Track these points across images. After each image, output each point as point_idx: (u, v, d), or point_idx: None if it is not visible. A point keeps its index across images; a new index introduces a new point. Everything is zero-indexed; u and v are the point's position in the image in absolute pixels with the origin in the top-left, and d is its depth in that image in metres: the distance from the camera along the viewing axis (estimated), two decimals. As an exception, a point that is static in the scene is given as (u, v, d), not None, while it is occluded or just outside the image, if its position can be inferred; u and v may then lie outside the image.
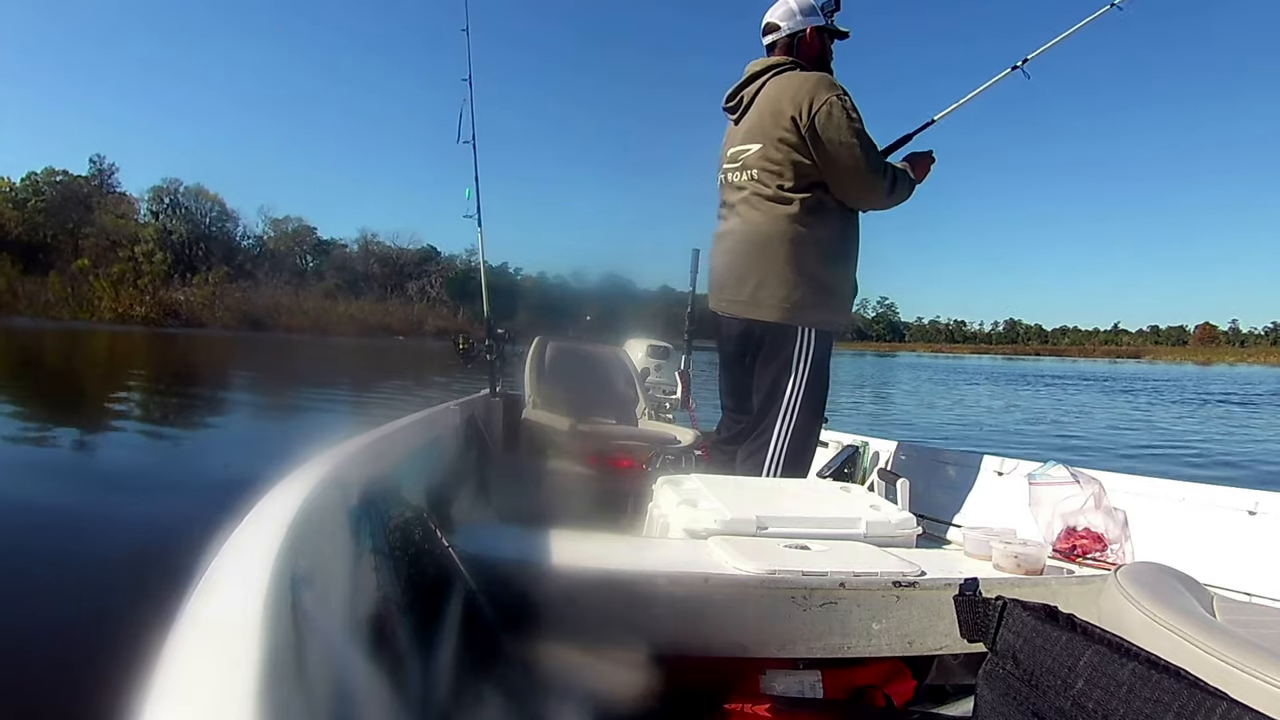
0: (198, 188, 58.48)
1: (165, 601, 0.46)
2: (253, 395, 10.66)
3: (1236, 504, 1.55)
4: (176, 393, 9.81)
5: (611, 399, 2.94)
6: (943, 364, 51.04)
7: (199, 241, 55.48)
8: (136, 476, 4.15)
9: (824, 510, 1.35)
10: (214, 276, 51.19)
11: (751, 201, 1.91)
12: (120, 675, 0.42)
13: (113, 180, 58.62)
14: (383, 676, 0.64)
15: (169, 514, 2.94)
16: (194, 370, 14.36)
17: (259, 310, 47.29)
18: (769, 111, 1.87)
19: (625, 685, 0.85)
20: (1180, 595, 0.91)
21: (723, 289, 1.98)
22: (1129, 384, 24.07)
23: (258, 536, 0.55)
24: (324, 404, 8.95)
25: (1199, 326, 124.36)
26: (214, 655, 0.38)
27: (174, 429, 6.43)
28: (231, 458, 4.65)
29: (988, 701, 0.68)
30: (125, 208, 56.19)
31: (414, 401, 8.95)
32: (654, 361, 3.49)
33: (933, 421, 10.89)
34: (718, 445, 2.14)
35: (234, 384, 12.23)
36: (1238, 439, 9.09)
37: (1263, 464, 6.74)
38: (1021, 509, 1.76)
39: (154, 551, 2.03)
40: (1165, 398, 17.28)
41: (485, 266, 2.99)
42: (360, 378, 14.27)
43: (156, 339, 28.40)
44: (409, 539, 0.83)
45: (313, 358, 21.20)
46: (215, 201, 58.85)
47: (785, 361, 1.89)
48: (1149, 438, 8.95)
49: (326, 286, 56.19)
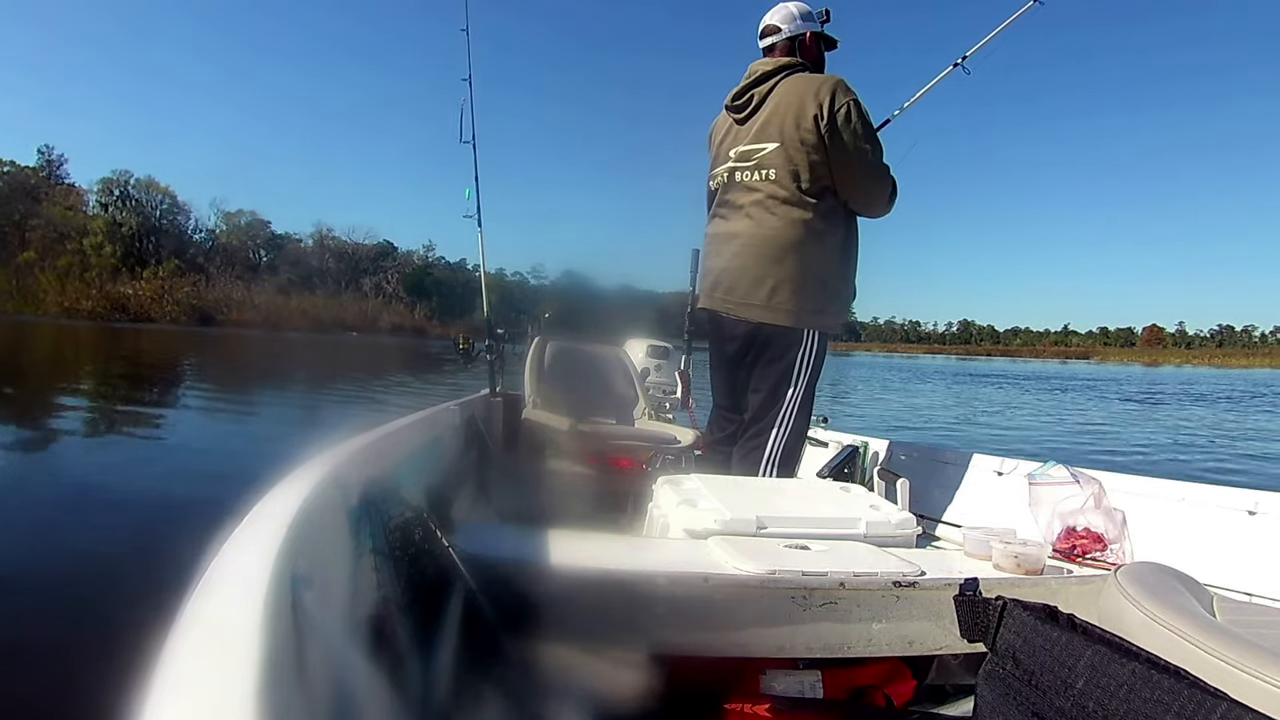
0: (148, 180, 57.85)
1: (165, 601, 0.46)
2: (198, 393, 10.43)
3: (1236, 504, 1.55)
4: (133, 390, 9.69)
5: (611, 399, 2.94)
6: (896, 363, 52.31)
7: (149, 234, 54.66)
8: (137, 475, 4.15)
9: (824, 510, 1.35)
10: (164, 270, 50.35)
11: (766, 204, 1.89)
12: (120, 675, 0.42)
13: (61, 171, 57.48)
14: (383, 676, 0.64)
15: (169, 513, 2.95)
16: (143, 367, 13.98)
17: (209, 305, 46.51)
18: (790, 111, 1.86)
19: (625, 685, 0.85)
20: (1180, 595, 0.91)
21: (731, 291, 1.95)
22: (1066, 382, 25.92)
23: (258, 536, 0.55)
24: (280, 402, 8.94)
25: (1146, 328, 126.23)
26: (214, 655, 0.38)
27: (132, 427, 6.38)
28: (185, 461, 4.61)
29: (988, 701, 0.68)
30: (74, 199, 55.00)
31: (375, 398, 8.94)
32: (654, 361, 3.49)
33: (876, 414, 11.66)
34: (712, 445, 2.14)
35: (176, 379, 12.00)
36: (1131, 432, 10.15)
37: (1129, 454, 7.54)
38: (1021, 509, 1.76)
39: (154, 551, 2.03)
40: (1093, 395, 18.93)
41: (485, 267, 2.99)
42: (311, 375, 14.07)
43: (104, 333, 27.74)
44: (409, 539, 0.83)
45: (257, 354, 20.74)
46: (166, 194, 58.19)
47: (789, 364, 1.90)
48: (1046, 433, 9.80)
49: (279, 281, 55.33)
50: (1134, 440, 9.04)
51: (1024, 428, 10.30)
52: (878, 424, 9.65)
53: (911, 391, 18.47)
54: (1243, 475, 6.26)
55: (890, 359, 71.01)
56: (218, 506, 0.70)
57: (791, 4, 2.00)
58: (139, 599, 1.10)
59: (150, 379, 11.35)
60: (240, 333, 38.15)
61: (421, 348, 32.52)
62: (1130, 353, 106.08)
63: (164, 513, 3.06)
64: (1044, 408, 14.43)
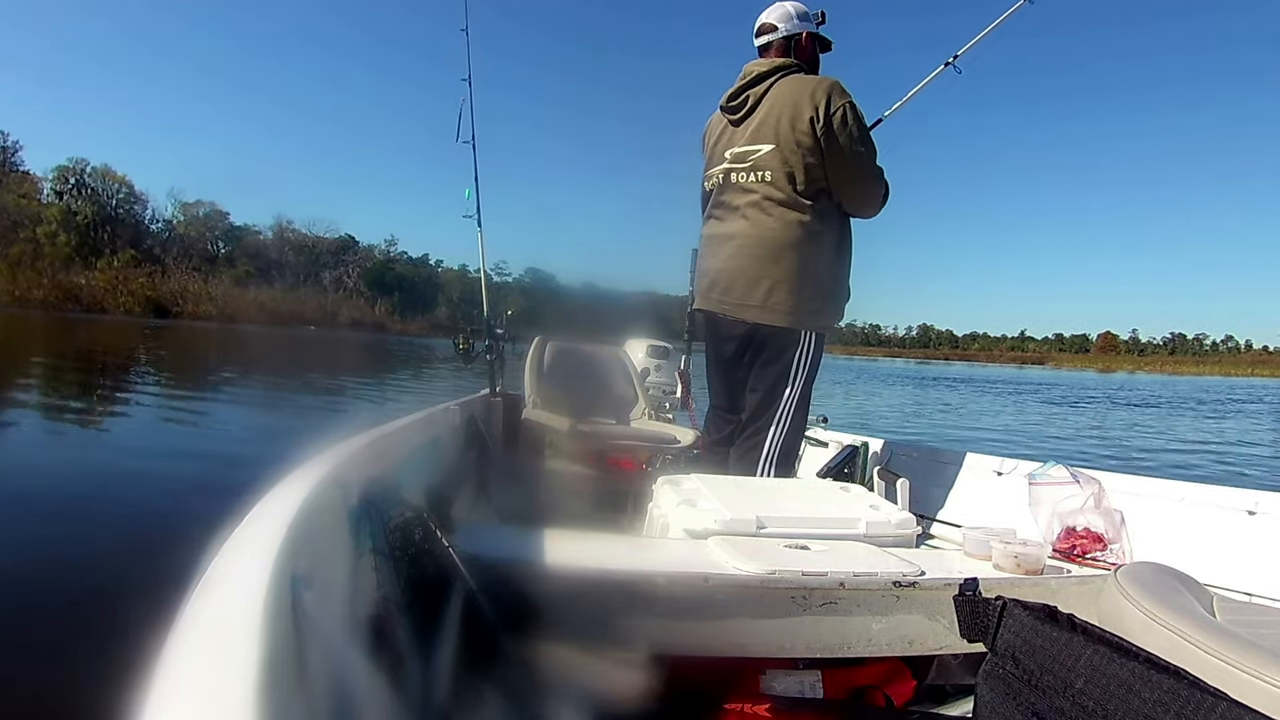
0: (104, 168, 55.94)
1: (165, 601, 0.46)
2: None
3: (1236, 504, 1.55)
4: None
5: (611, 399, 2.94)
6: (857, 366, 52.96)
7: (105, 224, 53.06)
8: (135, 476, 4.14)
9: (824, 510, 1.35)
10: (119, 260, 48.88)
11: (763, 206, 1.89)
12: (120, 675, 0.42)
13: (16, 159, 55.47)
14: (383, 676, 0.64)
15: (169, 514, 2.95)
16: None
17: (165, 296, 45.35)
18: (785, 113, 1.86)
19: (625, 685, 0.85)
20: (1180, 595, 0.91)
21: (728, 291, 1.96)
22: (1016, 387, 27.24)
23: (258, 536, 0.55)
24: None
25: (1101, 335, 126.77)
26: (214, 655, 0.38)
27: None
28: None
29: (988, 701, 0.68)
30: (28, 187, 52.94)
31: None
32: (654, 361, 3.50)
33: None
34: (710, 445, 2.14)
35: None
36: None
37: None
38: (1021, 509, 1.76)
39: (154, 551, 2.03)
40: (1020, 397, 20.28)
41: (484, 267, 2.99)
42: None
43: (57, 323, 26.55)
44: (409, 539, 0.83)
45: (203, 349, 20.02)
46: (123, 183, 56.29)
47: (787, 364, 1.91)
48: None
49: (237, 274, 53.86)
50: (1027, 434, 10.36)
51: (941, 424, 11.16)
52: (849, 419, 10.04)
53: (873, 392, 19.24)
54: (1117, 463, 7.07)
55: (851, 361, 72.03)
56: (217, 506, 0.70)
57: (789, 3, 2.00)
58: (139, 599, 1.09)
59: (109, 371, 11.11)
60: (194, 325, 37.20)
61: (381, 343, 32.24)
62: (1085, 359, 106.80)
63: (164, 512, 3.06)
64: (972, 409, 15.42)
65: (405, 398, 9.84)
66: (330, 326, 46.43)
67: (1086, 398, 21.62)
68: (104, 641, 1.62)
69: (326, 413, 7.74)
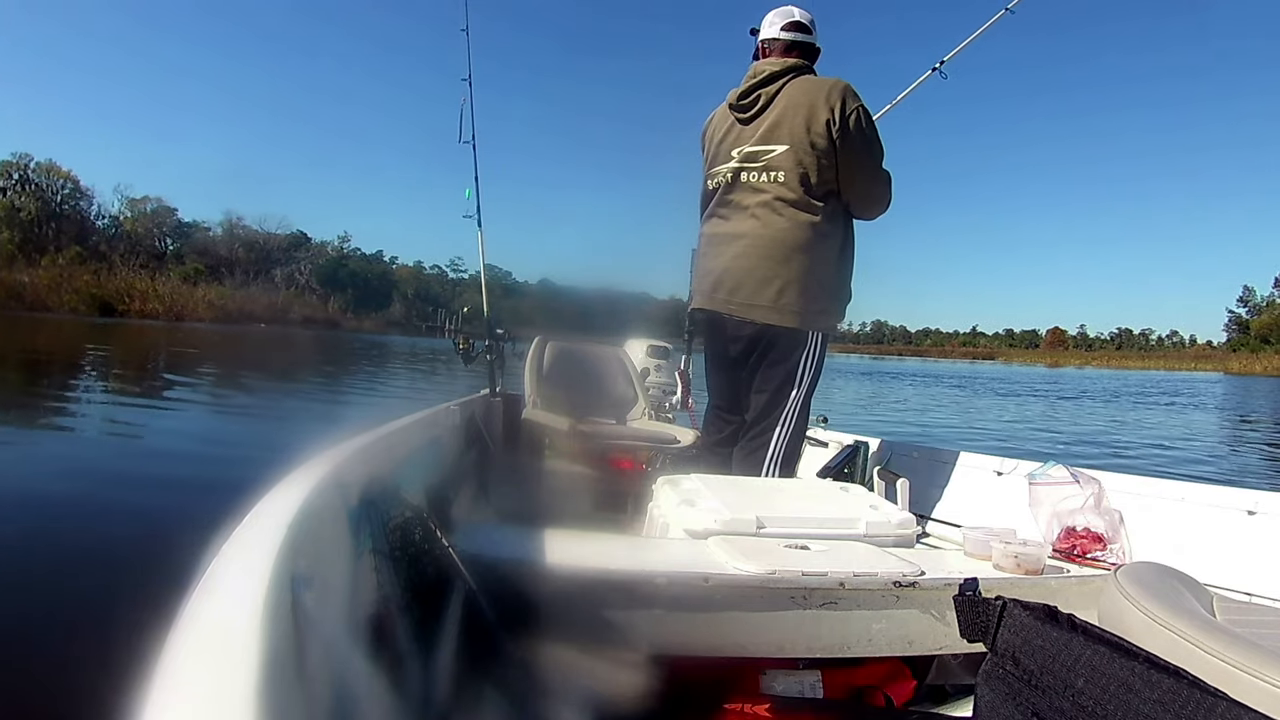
0: (49, 164, 54.91)
1: (165, 601, 0.46)
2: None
3: (1236, 504, 1.55)
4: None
5: (611, 399, 2.94)
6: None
7: (49, 220, 52.22)
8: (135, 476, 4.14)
9: (824, 510, 1.35)
10: (64, 258, 47.46)
11: (774, 206, 1.89)
12: (120, 675, 0.42)
13: None
14: (383, 676, 0.64)
15: (168, 513, 2.94)
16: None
17: (110, 294, 43.84)
18: (800, 114, 1.85)
19: (625, 685, 0.85)
20: (1180, 595, 0.91)
21: (735, 291, 1.94)
22: (965, 381, 27.80)
23: (258, 536, 0.55)
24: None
25: (1049, 331, 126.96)
26: (214, 655, 0.38)
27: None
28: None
29: (988, 701, 0.68)
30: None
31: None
32: (654, 361, 3.50)
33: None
34: (709, 446, 2.14)
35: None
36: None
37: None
38: (1021, 509, 1.76)
39: (154, 551, 2.03)
40: (966, 391, 20.67)
41: (484, 267, 2.99)
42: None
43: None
44: (409, 539, 0.83)
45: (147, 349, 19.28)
46: (68, 179, 55.22)
47: (794, 365, 1.91)
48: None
49: (185, 271, 52.90)
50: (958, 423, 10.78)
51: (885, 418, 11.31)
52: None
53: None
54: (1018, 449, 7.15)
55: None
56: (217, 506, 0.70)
57: (801, 11, 2.00)
58: (139, 599, 1.10)
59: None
60: (140, 324, 36.00)
61: (338, 340, 31.78)
62: (1034, 354, 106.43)
63: (164, 512, 3.06)
64: (918, 401, 15.68)
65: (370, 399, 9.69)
66: (282, 324, 45.22)
67: (1034, 391, 22.04)
68: (104, 642, 1.62)
69: (324, 415, 7.72)
